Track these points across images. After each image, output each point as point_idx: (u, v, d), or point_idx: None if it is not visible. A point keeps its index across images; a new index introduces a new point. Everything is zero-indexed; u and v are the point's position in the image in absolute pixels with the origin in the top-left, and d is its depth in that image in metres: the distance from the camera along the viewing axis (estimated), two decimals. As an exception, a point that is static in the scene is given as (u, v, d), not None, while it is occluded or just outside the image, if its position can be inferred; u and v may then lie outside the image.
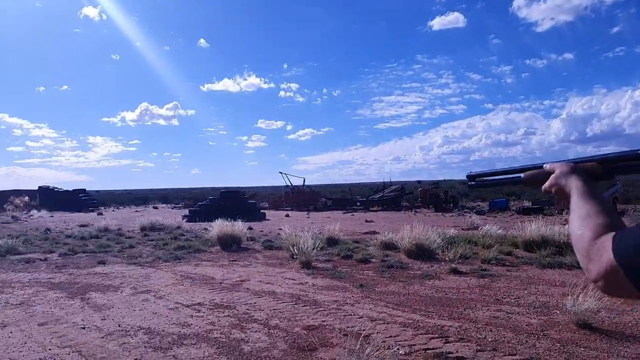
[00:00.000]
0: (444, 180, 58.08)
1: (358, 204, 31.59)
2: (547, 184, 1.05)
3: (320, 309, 6.00)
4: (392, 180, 34.09)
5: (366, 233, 14.86)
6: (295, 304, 6.28)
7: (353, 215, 25.25)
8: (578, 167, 1.03)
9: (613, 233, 0.80)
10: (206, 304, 6.36)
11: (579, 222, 0.89)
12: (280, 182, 37.77)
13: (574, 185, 0.98)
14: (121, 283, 7.85)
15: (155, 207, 39.94)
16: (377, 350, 3.71)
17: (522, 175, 1.17)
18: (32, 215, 28.29)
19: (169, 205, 44.70)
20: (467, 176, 1.38)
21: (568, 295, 5.27)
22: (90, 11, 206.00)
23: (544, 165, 1.09)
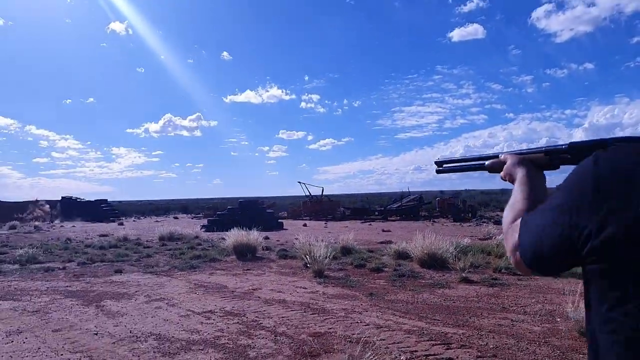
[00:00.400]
0: (466, 190, 57.47)
1: (376, 213, 31.45)
2: (502, 173, 1.15)
3: (328, 316, 6.02)
4: (412, 190, 33.89)
5: (382, 243, 14.81)
6: (304, 311, 6.32)
7: (371, 225, 25.17)
8: (525, 157, 1.11)
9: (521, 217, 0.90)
10: (217, 312, 6.45)
11: (509, 206, 1.00)
12: (300, 192, 37.90)
13: (518, 174, 1.07)
14: (136, 291, 8.00)
15: (176, 218, 40.50)
16: (376, 356, 3.72)
17: (486, 162, 1.25)
18: (54, 225, 29.02)
19: (189, 215, 45.29)
20: (435, 162, 1.47)
21: (569, 303, 5.22)
22: (117, 26, 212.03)
23: (499, 155, 1.18)
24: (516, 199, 1.00)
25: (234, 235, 12.60)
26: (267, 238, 16.25)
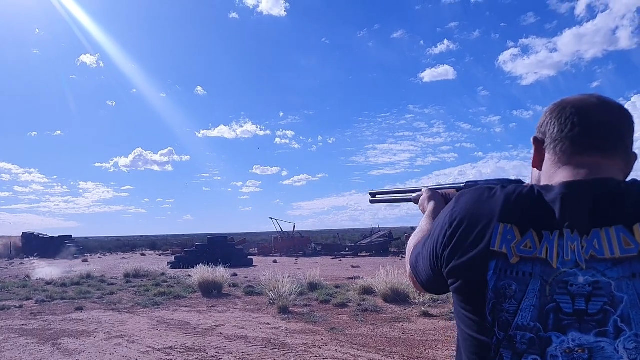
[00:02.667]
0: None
1: (347, 249, 31.57)
2: (419, 205, 1.36)
3: (288, 351, 6.09)
4: (385, 226, 34.32)
5: (349, 278, 14.92)
6: (265, 347, 6.37)
7: (341, 260, 25.23)
8: (436, 192, 1.33)
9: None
10: (177, 348, 6.43)
11: (413, 235, 1.20)
12: (273, 228, 37.77)
13: (428, 207, 1.28)
14: (96, 328, 7.87)
15: (143, 254, 39.55)
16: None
17: (412, 195, 1.44)
18: (12, 263, 27.95)
19: (157, 252, 44.27)
20: (370, 192, 1.67)
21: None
22: (87, 58, 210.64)
23: (422, 189, 1.39)
24: (420, 229, 1.19)
25: (200, 272, 12.50)
26: (234, 275, 16.14)
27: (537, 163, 0.98)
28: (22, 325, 8.31)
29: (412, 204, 1.46)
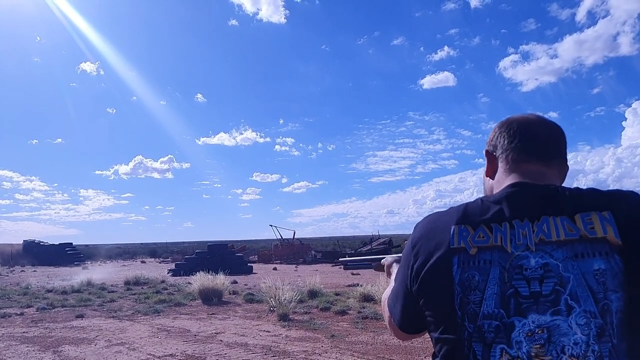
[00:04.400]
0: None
1: (347, 257, 31.53)
2: (385, 271, 1.52)
3: (289, 359, 6.11)
4: (385, 233, 34.34)
5: (349, 286, 14.93)
6: (265, 354, 6.39)
7: (340, 267, 25.21)
8: (397, 259, 1.45)
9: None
10: (177, 355, 6.45)
11: (384, 294, 1.29)
12: (272, 235, 37.79)
13: (393, 271, 1.40)
14: (96, 336, 7.89)
15: (143, 262, 39.53)
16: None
17: (372, 264, 1.66)
18: (14, 270, 27.95)
19: (157, 259, 44.26)
20: (340, 260, 1.95)
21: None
22: (87, 66, 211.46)
23: (382, 260, 1.57)
24: (390, 289, 1.27)
25: (200, 280, 12.53)
26: (234, 282, 16.16)
27: (490, 173, 1.11)
28: (23, 332, 8.33)
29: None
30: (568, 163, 1.10)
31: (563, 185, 1.03)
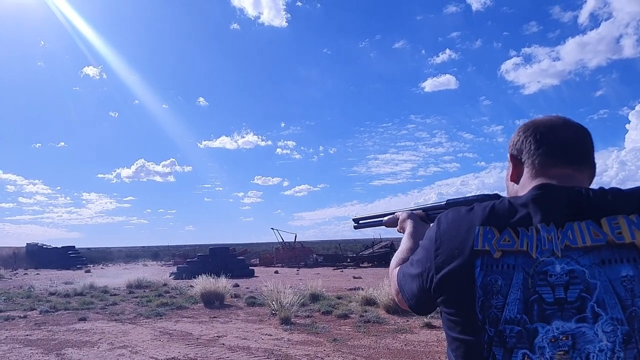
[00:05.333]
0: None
1: (348, 260, 31.53)
2: (397, 227, 1.45)
3: (291, 362, 6.12)
4: (387, 237, 34.26)
5: (351, 289, 14.92)
6: (267, 358, 6.40)
7: (342, 271, 25.22)
8: (412, 213, 1.42)
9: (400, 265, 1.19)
10: (180, 358, 6.47)
11: (396, 254, 1.28)
12: (274, 238, 37.77)
13: (407, 228, 1.37)
14: (99, 339, 7.91)
15: (146, 265, 39.55)
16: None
17: (383, 219, 1.58)
18: (17, 273, 27.99)
19: (159, 262, 44.28)
20: (353, 219, 1.82)
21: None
22: (90, 70, 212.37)
23: (395, 213, 1.49)
24: (401, 249, 1.27)
25: (202, 283, 12.54)
26: (236, 285, 16.17)
27: (515, 177, 1.08)
28: (27, 335, 8.36)
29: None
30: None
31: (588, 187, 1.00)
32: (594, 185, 1.03)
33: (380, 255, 30.76)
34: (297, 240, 38.27)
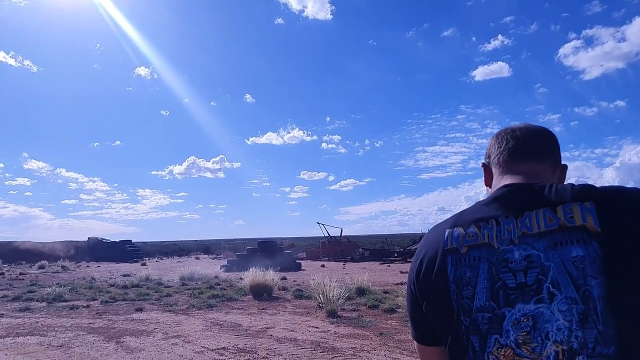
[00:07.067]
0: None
1: (395, 254, 31.27)
2: None
3: (337, 355, 6.19)
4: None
5: (398, 284, 14.82)
6: (314, 350, 6.50)
7: (389, 266, 25.07)
8: None
9: None
10: (230, 349, 6.68)
11: None
12: (320, 232, 38.09)
13: None
14: (154, 329, 8.30)
15: (197, 258, 40.95)
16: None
17: None
18: (80, 265, 29.72)
19: (210, 255, 45.72)
20: None
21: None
22: (142, 71, 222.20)
23: None
24: None
25: (251, 276, 12.86)
26: (284, 278, 16.44)
27: (488, 181, 1.17)
28: (89, 323, 8.91)
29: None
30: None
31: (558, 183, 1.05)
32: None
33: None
34: (342, 234, 38.37)
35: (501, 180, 1.09)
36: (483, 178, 1.20)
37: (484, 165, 1.20)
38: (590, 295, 0.84)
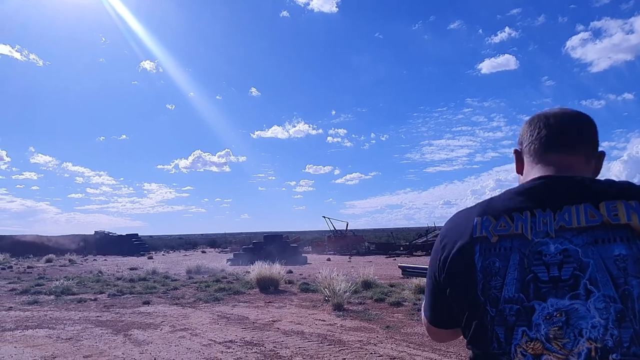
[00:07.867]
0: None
1: (401, 248, 31.26)
2: None
3: (344, 347, 6.19)
4: (438, 225, 33.65)
5: (403, 277, 14.79)
6: (321, 342, 6.50)
7: (395, 259, 25.04)
8: None
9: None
10: (237, 341, 6.70)
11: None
12: (326, 226, 38.09)
13: None
14: (162, 322, 8.34)
15: (204, 252, 41.16)
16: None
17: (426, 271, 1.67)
18: (87, 259, 29.93)
19: (217, 249, 45.92)
20: (400, 265, 1.96)
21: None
22: (147, 64, 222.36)
23: None
24: None
25: (258, 269, 12.88)
26: (290, 272, 16.46)
27: (519, 169, 1.14)
28: (97, 316, 8.96)
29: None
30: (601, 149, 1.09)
31: (593, 177, 1.04)
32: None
33: (434, 244, 30.26)
34: (348, 228, 38.38)
35: (533, 169, 1.07)
36: (514, 164, 1.17)
37: (515, 152, 1.16)
38: (629, 294, 0.82)
